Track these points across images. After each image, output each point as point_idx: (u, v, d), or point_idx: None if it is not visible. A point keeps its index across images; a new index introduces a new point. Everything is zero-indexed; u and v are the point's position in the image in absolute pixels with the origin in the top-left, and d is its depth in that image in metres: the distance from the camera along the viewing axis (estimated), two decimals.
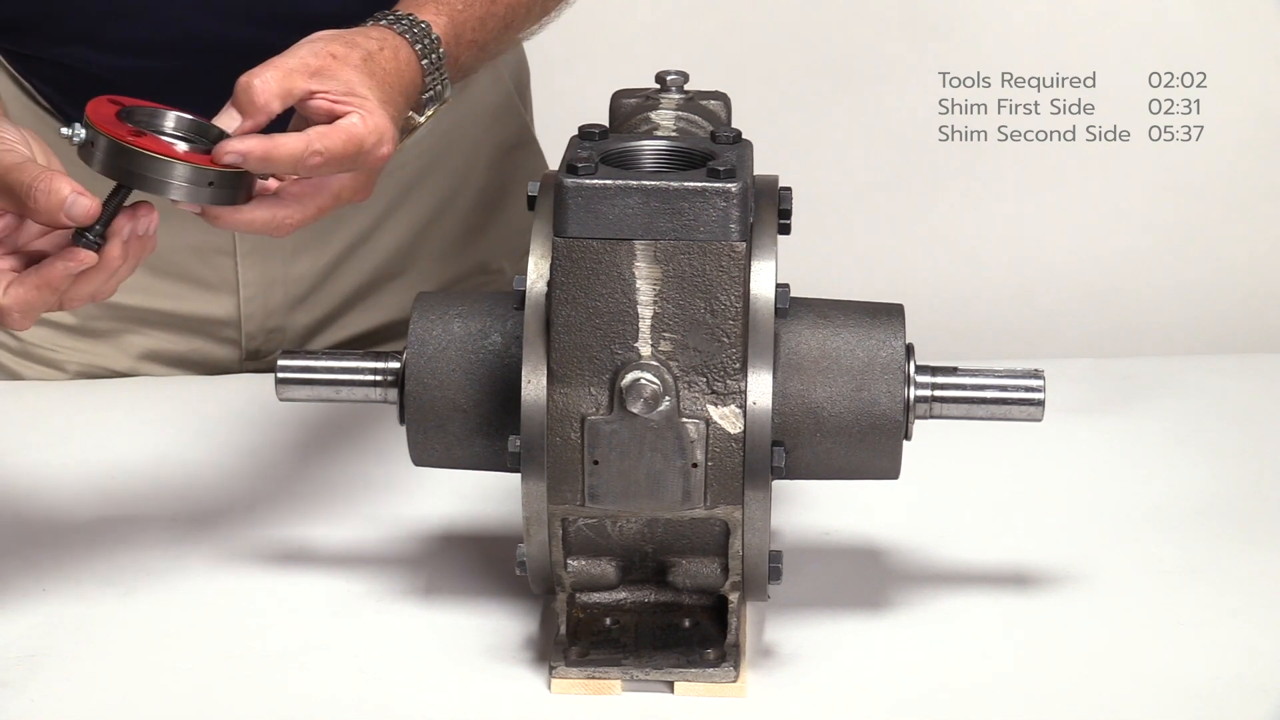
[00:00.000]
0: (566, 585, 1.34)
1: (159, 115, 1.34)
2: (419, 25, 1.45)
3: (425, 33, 1.45)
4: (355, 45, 1.39)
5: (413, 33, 1.44)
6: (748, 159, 1.30)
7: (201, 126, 1.34)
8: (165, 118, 1.35)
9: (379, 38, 1.41)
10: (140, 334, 1.80)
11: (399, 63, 1.42)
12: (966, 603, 1.43)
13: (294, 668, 1.36)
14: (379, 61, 1.39)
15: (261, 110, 1.34)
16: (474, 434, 1.35)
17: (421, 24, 1.45)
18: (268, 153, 1.31)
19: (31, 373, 1.79)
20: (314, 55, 1.36)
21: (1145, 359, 2.05)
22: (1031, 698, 1.32)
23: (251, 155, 1.30)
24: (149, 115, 1.34)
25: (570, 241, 1.26)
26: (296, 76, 1.35)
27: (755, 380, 1.28)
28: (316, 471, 1.62)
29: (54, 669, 1.35)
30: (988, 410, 1.35)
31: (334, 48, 1.37)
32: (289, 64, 1.35)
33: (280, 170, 1.32)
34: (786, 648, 1.37)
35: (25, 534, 1.52)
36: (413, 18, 1.45)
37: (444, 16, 1.48)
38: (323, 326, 1.82)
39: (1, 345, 1.79)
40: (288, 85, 1.34)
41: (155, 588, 1.45)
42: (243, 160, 1.30)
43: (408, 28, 1.44)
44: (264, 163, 1.31)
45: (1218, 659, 1.36)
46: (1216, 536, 1.53)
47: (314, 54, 1.36)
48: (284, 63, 1.35)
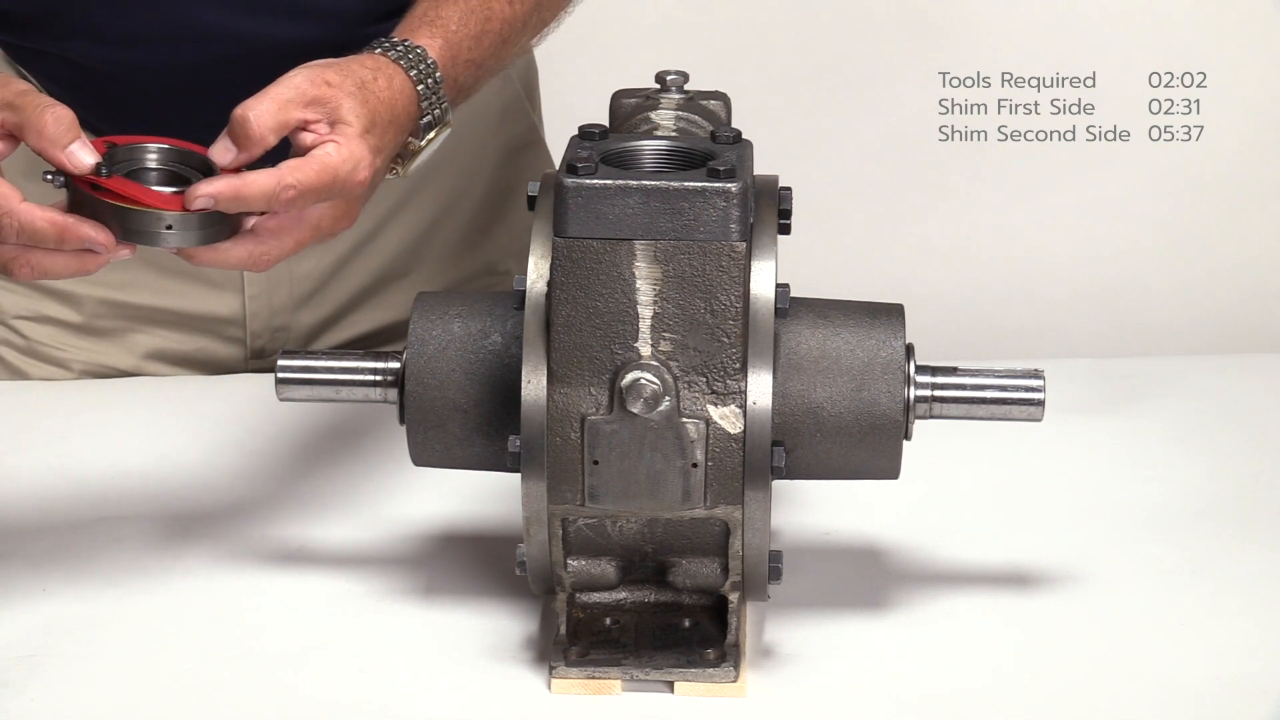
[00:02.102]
0: (566, 585, 1.34)
1: (139, 151, 1.33)
2: (414, 51, 1.44)
3: (421, 58, 1.44)
4: (349, 73, 1.39)
5: (408, 59, 1.44)
6: (748, 159, 1.30)
7: (187, 156, 1.33)
8: (147, 153, 1.33)
9: (373, 66, 1.41)
10: (146, 333, 1.80)
11: (393, 91, 1.41)
12: (966, 603, 1.43)
13: (294, 668, 1.36)
14: (372, 89, 1.39)
15: (258, 143, 1.34)
16: (474, 434, 1.35)
17: (416, 49, 1.45)
18: (238, 192, 1.30)
19: (37, 371, 1.80)
20: (309, 83, 1.36)
21: (1145, 359, 2.06)
22: (1031, 698, 1.32)
23: (222, 197, 1.30)
24: (129, 152, 1.33)
25: (570, 241, 1.26)
26: (292, 107, 1.35)
27: (755, 380, 1.28)
28: (316, 471, 1.62)
29: (54, 669, 1.35)
30: (988, 410, 1.35)
31: (329, 75, 1.37)
32: (284, 94, 1.35)
33: (255, 208, 1.32)
34: (786, 648, 1.37)
35: (25, 534, 1.52)
36: (408, 43, 1.45)
37: (438, 39, 1.47)
38: (328, 326, 1.82)
39: (7, 344, 1.79)
40: (284, 117, 1.34)
41: (155, 588, 1.45)
42: (214, 203, 1.30)
43: (402, 54, 1.44)
44: (236, 203, 1.30)
45: (1218, 659, 1.36)
46: (1216, 536, 1.53)
47: (308, 81, 1.36)
48: (279, 93, 1.35)
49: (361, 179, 1.36)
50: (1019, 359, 1.50)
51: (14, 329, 1.78)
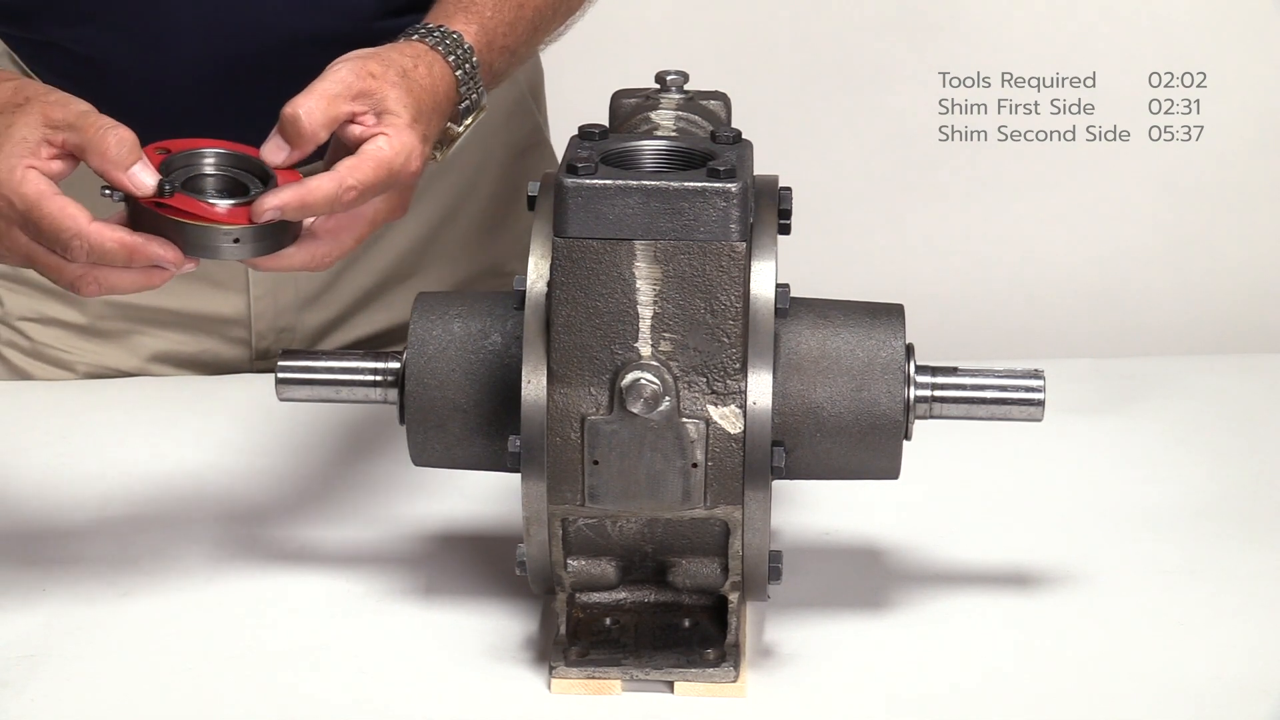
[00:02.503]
0: (566, 585, 1.34)
1: (196, 158, 1.34)
2: (451, 36, 1.45)
3: (458, 43, 1.45)
4: (391, 63, 1.39)
5: (445, 44, 1.44)
6: (748, 159, 1.30)
7: (243, 160, 1.34)
8: (204, 159, 1.34)
9: (413, 54, 1.42)
10: (150, 335, 1.80)
11: (434, 78, 1.42)
12: (966, 603, 1.43)
13: (294, 668, 1.36)
14: (414, 78, 1.40)
15: (310, 140, 1.35)
16: (474, 434, 1.35)
17: (453, 35, 1.45)
18: (303, 200, 1.31)
19: (42, 373, 1.79)
20: (354, 75, 1.37)
21: (1145, 359, 2.05)
22: (1031, 698, 1.32)
23: (289, 208, 1.31)
24: (186, 159, 1.34)
25: (570, 241, 1.26)
26: (340, 101, 1.35)
27: (755, 380, 1.28)
28: (317, 471, 1.62)
29: (54, 669, 1.35)
30: (988, 410, 1.35)
31: (371, 66, 1.38)
32: (331, 89, 1.36)
33: (319, 213, 1.33)
34: (786, 648, 1.37)
35: (25, 534, 1.52)
36: (444, 29, 1.45)
37: (474, 24, 1.48)
38: (333, 327, 1.82)
39: (13, 345, 1.79)
40: (333, 112, 1.35)
41: (155, 588, 1.45)
42: (281, 214, 1.31)
43: (440, 39, 1.44)
44: (301, 211, 1.32)
45: (1218, 659, 1.36)
46: (1216, 536, 1.53)
47: (353, 73, 1.37)
48: (325, 88, 1.36)
49: (415, 169, 1.37)
50: (1019, 359, 1.50)
51: (19, 330, 1.78)
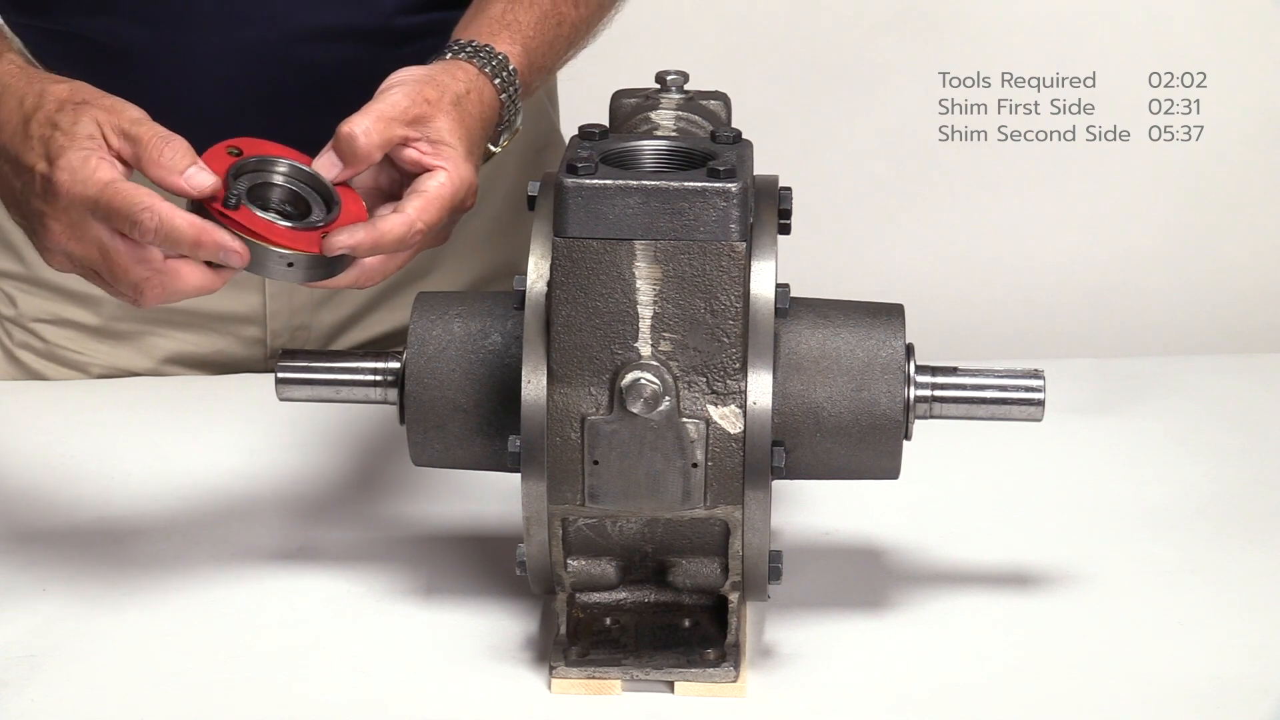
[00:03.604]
0: (566, 585, 1.34)
1: (267, 165, 1.34)
2: (497, 58, 1.45)
3: (503, 65, 1.46)
4: (445, 89, 1.40)
5: (492, 67, 1.45)
6: (748, 159, 1.30)
7: (310, 177, 1.35)
8: (275, 170, 1.35)
9: (465, 79, 1.42)
10: (164, 335, 1.80)
11: (483, 105, 1.43)
12: (966, 603, 1.43)
13: (294, 668, 1.36)
14: (466, 106, 1.41)
15: (364, 160, 1.36)
16: (474, 434, 1.35)
17: (499, 56, 1.46)
18: (376, 243, 1.33)
19: (56, 375, 1.79)
20: (409, 100, 1.37)
21: (1145, 359, 2.05)
22: (1031, 698, 1.32)
23: (361, 248, 1.32)
24: (258, 164, 1.34)
25: (570, 241, 1.26)
26: (396, 125, 1.36)
27: (755, 380, 1.28)
28: (317, 471, 1.62)
29: (54, 669, 1.35)
30: (988, 410, 1.35)
31: (427, 92, 1.39)
32: (388, 112, 1.36)
33: (385, 252, 1.34)
34: (786, 648, 1.37)
35: (25, 534, 1.52)
36: (490, 50, 1.46)
37: (518, 45, 1.49)
38: (348, 325, 1.82)
39: (27, 347, 1.79)
40: (389, 135, 1.36)
41: (155, 588, 1.45)
42: (352, 252, 1.32)
43: (487, 61, 1.45)
44: (371, 251, 1.33)
45: (1218, 659, 1.36)
46: (1216, 536, 1.53)
47: (409, 98, 1.38)
48: (382, 110, 1.37)
49: (470, 204, 1.39)
50: (1019, 359, 1.50)
51: (33, 332, 1.78)
